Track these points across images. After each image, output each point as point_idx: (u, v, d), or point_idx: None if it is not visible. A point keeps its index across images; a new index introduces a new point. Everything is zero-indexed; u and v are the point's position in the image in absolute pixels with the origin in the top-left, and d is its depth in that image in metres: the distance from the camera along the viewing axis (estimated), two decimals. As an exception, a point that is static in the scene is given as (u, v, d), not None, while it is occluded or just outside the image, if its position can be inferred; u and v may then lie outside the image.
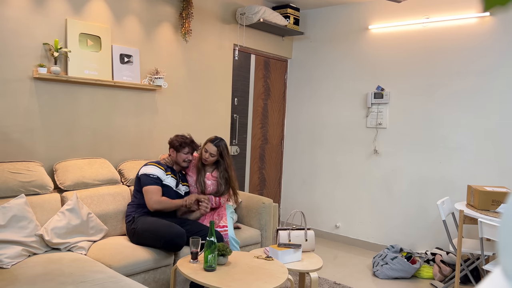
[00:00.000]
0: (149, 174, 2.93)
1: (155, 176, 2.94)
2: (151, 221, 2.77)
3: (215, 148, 3.12)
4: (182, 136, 3.07)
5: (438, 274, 3.62)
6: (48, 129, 2.99)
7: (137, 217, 2.86)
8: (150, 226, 2.72)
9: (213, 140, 3.14)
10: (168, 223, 2.72)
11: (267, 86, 4.93)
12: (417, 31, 4.19)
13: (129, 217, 2.92)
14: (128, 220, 2.91)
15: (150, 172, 2.94)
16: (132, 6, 3.43)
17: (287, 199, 5.24)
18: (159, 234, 2.65)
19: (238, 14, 4.29)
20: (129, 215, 2.92)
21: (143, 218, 2.83)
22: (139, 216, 2.87)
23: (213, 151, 3.11)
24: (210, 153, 3.11)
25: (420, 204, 4.19)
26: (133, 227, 2.81)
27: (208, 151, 3.12)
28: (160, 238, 2.64)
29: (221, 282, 2.21)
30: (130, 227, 2.85)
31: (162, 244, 2.65)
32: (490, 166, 3.78)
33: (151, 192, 2.89)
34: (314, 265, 2.79)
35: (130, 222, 2.87)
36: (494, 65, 3.75)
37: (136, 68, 3.44)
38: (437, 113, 4.07)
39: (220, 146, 3.14)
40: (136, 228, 2.78)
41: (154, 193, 2.89)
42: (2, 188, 2.51)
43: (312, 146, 5.00)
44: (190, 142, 3.05)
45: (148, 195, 2.88)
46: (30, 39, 2.84)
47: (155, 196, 2.87)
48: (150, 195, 2.88)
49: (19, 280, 2.06)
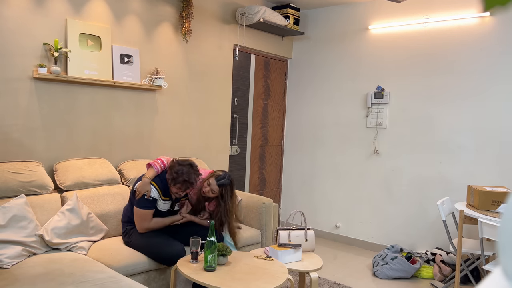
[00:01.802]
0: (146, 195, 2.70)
1: (150, 199, 2.70)
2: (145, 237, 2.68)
3: (217, 188, 2.81)
4: (179, 169, 2.67)
5: (438, 274, 3.62)
6: (48, 129, 2.99)
7: (130, 230, 2.78)
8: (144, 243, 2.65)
9: (218, 178, 2.82)
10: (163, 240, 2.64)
11: (267, 86, 4.93)
12: (417, 31, 4.19)
13: (123, 227, 2.84)
14: (123, 230, 2.84)
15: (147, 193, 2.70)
16: (132, 6, 3.43)
17: (287, 199, 5.24)
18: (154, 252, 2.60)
19: (238, 14, 4.29)
20: (123, 225, 2.84)
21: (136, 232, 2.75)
22: (131, 228, 2.79)
23: (214, 189, 2.80)
24: (212, 189, 2.81)
25: (420, 204, 4.19)
26: (127, 240, 2.76)
27: (210, 187, 2.81)
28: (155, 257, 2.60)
29: (221, 282, 2.21)
30: (124, 238, 2.80)
31: (158, 261, 2.62)
32: (490, 166, 3.78)
33: (141, 217, 2.70)
34: (314, 265, 2.78)
35: (124, 234, 2.81)
36: (494, 65, 3.75)
37: (136, 68, 3.44)
38: (437, 113, 4.07)
39: (224, 188, 2.82)
40: (130, 242, 2.73)
41: (144, 219, 2.70)
42: (2, 188, 2.51)
43: (312, 146, 5.00)
44: (183, 181, 2.65)
45: (137, 219, 2.70)
46: (30, 39, 2.84)
47: (145, 223, 2.71)
48: (141, 220, 2.70)
49: (19, 280, 2.06)
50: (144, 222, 2.71)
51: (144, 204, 2.69)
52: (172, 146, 3.80)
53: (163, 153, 3.73)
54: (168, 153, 3.76)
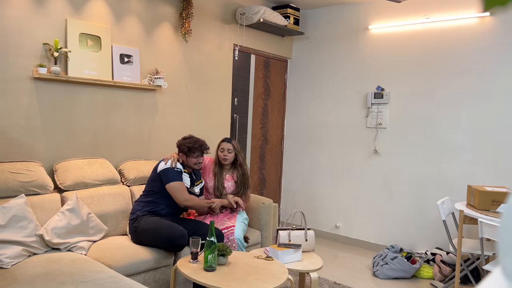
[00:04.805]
0: (173, 167, 2.89)
1: (179, 170, 2.90)
2: (153, 221, 2.76)
3: (230, 144, 3.23)
4: (190, 140, 2.99)
5: (438, 274, 3.62)
6: (48, 129, 2.99)
7: (141, 216, 2.85)
8: (152, 226, 2.72)
9: (224, 140, 3.29)
10: (170, 224, 2.72)
11: (267, 86, 4.93)
12: (417, 31, 4.19)
13: (133, 214, 2.90)
14: (132, 217, 2.89)
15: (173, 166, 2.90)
16: (132, 6, 3.43)
17: (287, 199, 5.24)
18: (160, 234, 2.65)
19: (238, 14, 4.29)
20: (134, 213, 2.90)
21: (146, 217, 2.82)
22: (142, 215, 2.85)
23: (229, 147, 3.22)
24: (228, 149, 3.21)
25: (420, 204, 4.19)
26: (135, 226, 2.81)
27: (225, 149, 3.22)
28: (161, 238, 2.64)
29: (221, 282, 2.21)
30: (132, 225, 2.85)
31: (163, 244, 2.66)
32: (490, 166, 3.78)
33: (178, 189, 2.84)
34: (314, 265, 2.78)
35: (133, 220, 2.86)
36: (494, 65, 3.75)
37: (136, 68, 3.44)
38: (437, 113, 4.07)
39: (233, 141, 3.26)
40: (138, 227, 2.78)
41: (182, 190, 2.85)
42: (2, 188, 2.51)
43: (312, 146, 5.00)
44: (199, 146, 2.97)
45: (176, 192, 2.84)
46: (30, 39, 2.84)
47: (185, 194, 2.85)
48: (179, 192, 2.84)
49: (19, 280, 2.06)
50: (184, 192, 2.86)
51: (175, 176, 2.87)
52: (172, 146, 3.79)
53: (163, 153, 3.73)
54: (168, 153, 3.76)
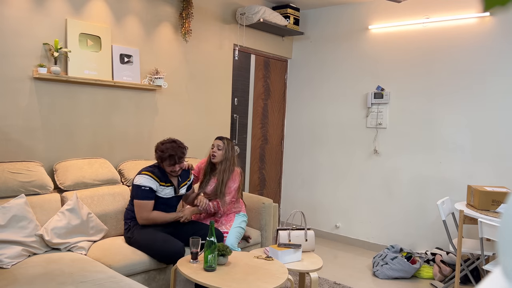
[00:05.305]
0: (141, 185, 2.77)
1: (147, 189, 2.77)
2: (147, 233, 2.70)
3: (221, 141, 3.21)
4: (163, 147, 2.82)
5: (438, 274, 3.62)
6: (48, 129, 2.99)
7: (133, 226, 2.81)
8: (145, 240, 2.66)
9: (218, 137, 3.28)
10: (165, 238, 2.65)
11: (267, 86, 4.93)
12: (417, 31, 4.19)
13: (125, 224, 2.86)
14: (125, 227, 2.85)
15: (142, 184, 2.77)
16: (132, 6, 3.43)
17: (287, 199, 5.24)
18: (155, 249, 2.60)
19: (238, 14, 4.29)
20: (126, 223, 2.86)
21: (139, 228, 2.78)
22: (135, 224, 2.81)
23: (219, 143, 3.21)
24: (217, 145, 3.20)
25: (420, 204, 4.19)
26: (129, 236, 2.77)
27: (215, 145, 3.21)
28: (156, 254, 2.61)
29: (221, 282, 2.21)
30: (126, 235, 2.82)
31: (158, 258, 2.62)
32: (490, 166, 3.78)
33: (140, 208, 2.77)
34: (314, 265, 2.78)
35: (127, 230, 2.83)
36: (494, 65, 3.75)
37: (136, 68, 3.44)
38: (437, 113, 4.07)
39: (225, 139, 3.23)
40: (132, 238, 2.75)
41: (143, 208, 2.76)
42: (2, 188, 2.51)
43: (312, 146, 5.00)
44: (169, 156, 2.78)
45: (137, 209, 2.78)
46: (30, 39, 2.84)
47: (145, 213, 2.77)
48: (140, 210, 2.77)
49: (19, 280, 2.06)
50: (143, 212, 2.77)
51: (141, 195, 2.77)
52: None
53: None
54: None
